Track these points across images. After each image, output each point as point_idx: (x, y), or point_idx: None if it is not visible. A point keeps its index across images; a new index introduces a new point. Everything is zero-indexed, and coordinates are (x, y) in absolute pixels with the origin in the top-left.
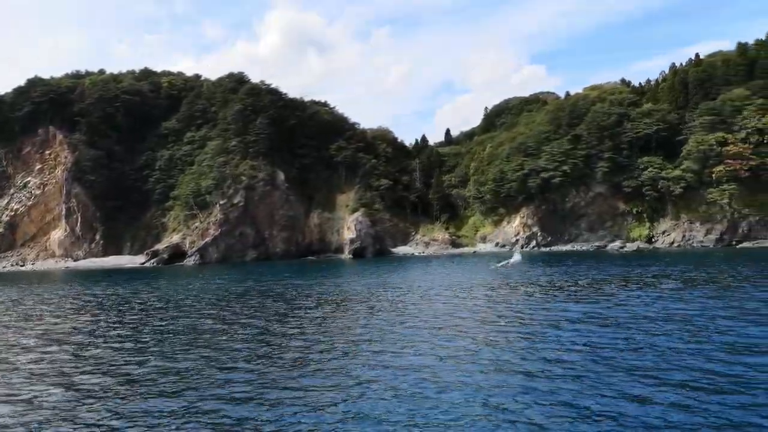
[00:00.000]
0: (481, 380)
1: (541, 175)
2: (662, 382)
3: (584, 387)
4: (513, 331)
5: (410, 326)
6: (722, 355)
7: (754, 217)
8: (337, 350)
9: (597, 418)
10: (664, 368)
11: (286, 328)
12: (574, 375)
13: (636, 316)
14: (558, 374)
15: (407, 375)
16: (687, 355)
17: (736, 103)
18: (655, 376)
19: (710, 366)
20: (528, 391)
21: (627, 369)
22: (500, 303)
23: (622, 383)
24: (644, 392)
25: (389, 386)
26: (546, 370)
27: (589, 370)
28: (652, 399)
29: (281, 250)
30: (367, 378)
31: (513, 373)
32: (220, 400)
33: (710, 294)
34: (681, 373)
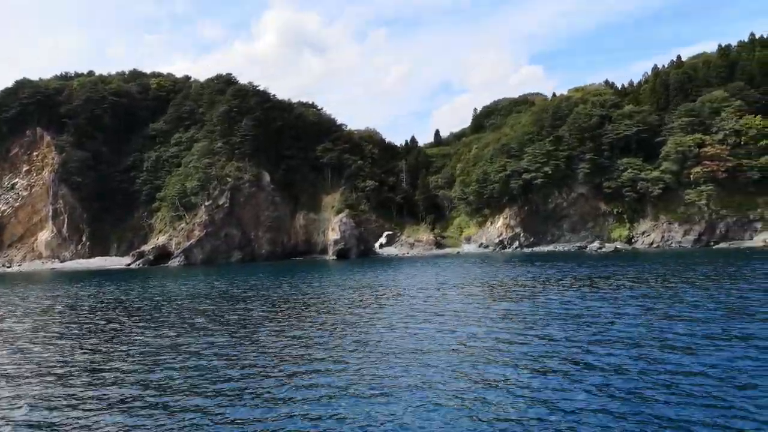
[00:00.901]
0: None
1: (523, 176)
2: (530, 364)
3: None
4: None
5: (350, 340)
6: (591, 348)
7: (732, 217)
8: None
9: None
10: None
11: (215, 338)
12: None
13: (542, 312)
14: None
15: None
16: (562, 346)
17: (714, 104)
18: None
19: (577, 356)
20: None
21: (508, 355)
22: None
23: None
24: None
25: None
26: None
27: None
28: (510, 380)
29: (267, 251)
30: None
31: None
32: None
33: (632, 293)
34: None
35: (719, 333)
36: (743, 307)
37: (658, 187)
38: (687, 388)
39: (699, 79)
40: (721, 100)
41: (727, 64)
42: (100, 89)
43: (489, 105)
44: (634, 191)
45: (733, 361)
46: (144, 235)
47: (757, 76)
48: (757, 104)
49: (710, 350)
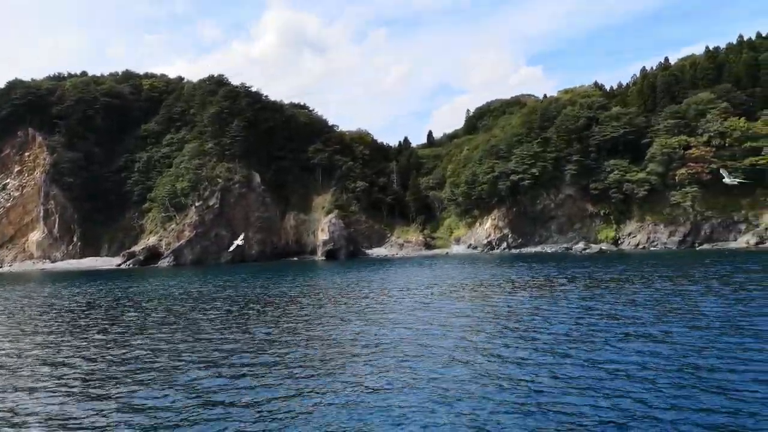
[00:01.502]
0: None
1: (511, 177)
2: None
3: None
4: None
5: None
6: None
7: (716, 219)
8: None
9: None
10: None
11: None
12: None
13: (491, 312)
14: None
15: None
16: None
17: (700, 106)
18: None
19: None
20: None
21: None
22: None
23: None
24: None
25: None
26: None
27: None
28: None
29: (257, 252)
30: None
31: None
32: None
33: (586, 294)
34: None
35: (634, 331)
36: (676, 307)
37: (643, 188)
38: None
39: (686, 80)
40: (707, 102)
41: (715, 66)
42: (92, 90)
43: (482, 106)
44: (620, 193)
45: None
46: (135, 236)
47: (744, 78)
48: (743, 106)
49: (613, 346)
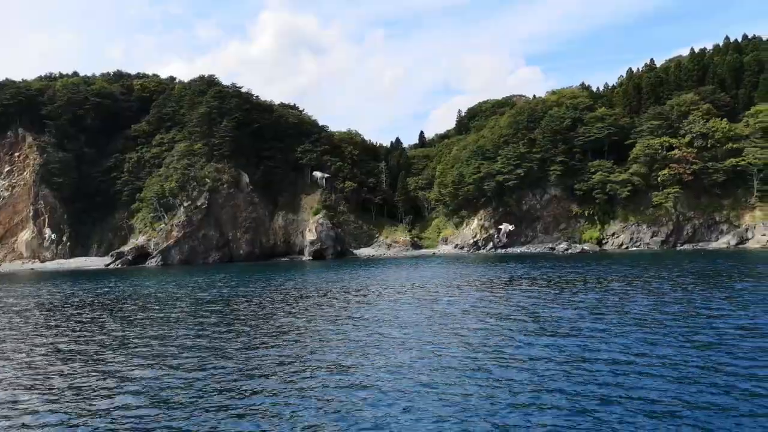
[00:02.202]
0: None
1: (496, 178)
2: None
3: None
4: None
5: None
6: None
7: (698, 219)
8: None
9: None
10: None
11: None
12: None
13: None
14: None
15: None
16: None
17: (683, 108)
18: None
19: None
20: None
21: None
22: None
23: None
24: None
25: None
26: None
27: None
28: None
29: (245, 252)
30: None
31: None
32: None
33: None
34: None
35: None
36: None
37: (626, 189)
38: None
39: (671, 82)
40: (690, 104)
41: (699, 67)
42: (82, 90)
43: (473, 107)
44: (604, 193)
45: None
46: (124, 236)
47: (728, 79)
48: (726, 107)
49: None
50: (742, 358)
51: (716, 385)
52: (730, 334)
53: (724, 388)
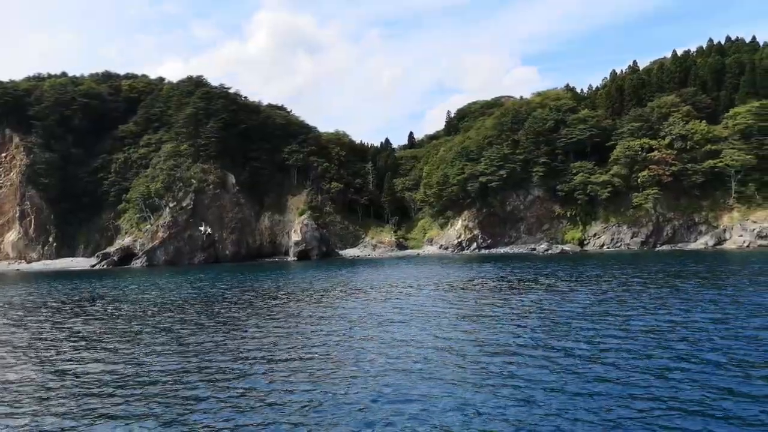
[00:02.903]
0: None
1: (480, 179)
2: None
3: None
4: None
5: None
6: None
7: (678, 220)
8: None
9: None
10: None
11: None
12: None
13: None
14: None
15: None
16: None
17: (663, 109)
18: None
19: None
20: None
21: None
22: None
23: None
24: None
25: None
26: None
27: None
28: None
29: (231, 252)
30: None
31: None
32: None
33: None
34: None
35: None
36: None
37: (606, 190)
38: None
39: (653, 84)
40: (670, 105)
41: (681, 69)
42: (70, 91)
43: (463, 107)
44: (585, 194)
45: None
46: (111, 237)
47: (709, 81)
48: (708, 109)
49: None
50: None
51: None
52: (634, 334)
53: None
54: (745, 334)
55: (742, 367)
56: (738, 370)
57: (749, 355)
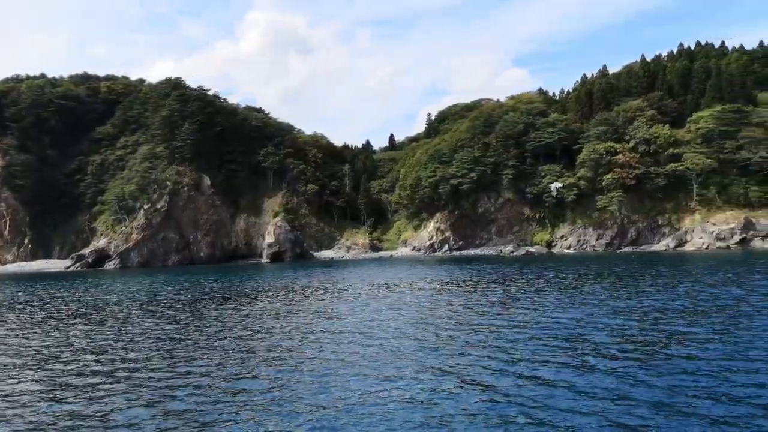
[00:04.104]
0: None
1: (451, 182)
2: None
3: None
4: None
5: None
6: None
7: (642, 222)
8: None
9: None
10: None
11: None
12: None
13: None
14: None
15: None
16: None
17: (628, 114)
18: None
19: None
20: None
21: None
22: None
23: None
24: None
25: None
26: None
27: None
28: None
29: (206, 254)
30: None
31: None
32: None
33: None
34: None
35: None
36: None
37: (572, 193)
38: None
39: (621, 88)
40: (635, 110)
41: (649, 74)
42: (47, 92)
43: (444, 110)
44: (552, 197)
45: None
46: (86, 239)
47: (676, 86)
48: (674, 113)
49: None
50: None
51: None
52: (531, 332)
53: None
54: (599, 329)
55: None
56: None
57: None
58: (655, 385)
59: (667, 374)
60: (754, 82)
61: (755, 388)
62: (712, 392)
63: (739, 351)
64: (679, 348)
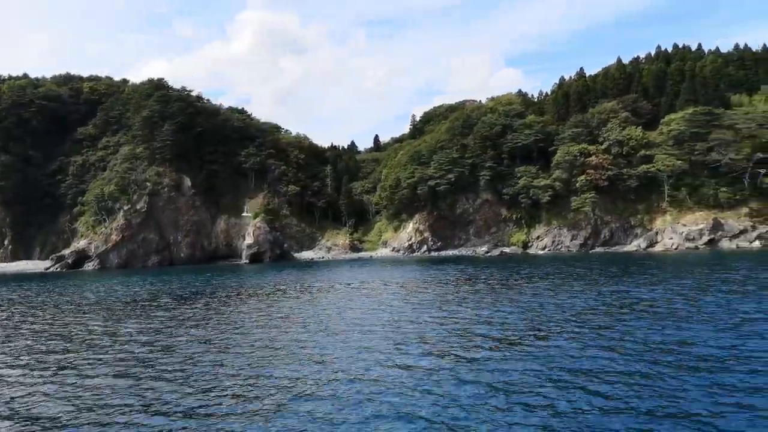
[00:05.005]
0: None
1: (428, 183)
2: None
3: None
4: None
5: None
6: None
7: (615, 223)
8: None
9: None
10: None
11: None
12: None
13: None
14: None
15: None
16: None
17: (602, 115)
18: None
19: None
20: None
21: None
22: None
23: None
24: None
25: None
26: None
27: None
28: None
29: (186, 255)
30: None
31: None
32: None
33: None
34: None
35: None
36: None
37: (547, 194)
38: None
39: (597, 90)
40: (609, 111)
41: (625, 76)
42: (29, 93)
43: (429, 111)
44: (529, 198)
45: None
46: (67, 239)
47: (651, 88)
48: (648, 115)
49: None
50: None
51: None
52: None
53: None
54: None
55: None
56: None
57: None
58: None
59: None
60: (729, 84)
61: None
62: (547, 376)
63: (592, 346)
64: (540, 341)
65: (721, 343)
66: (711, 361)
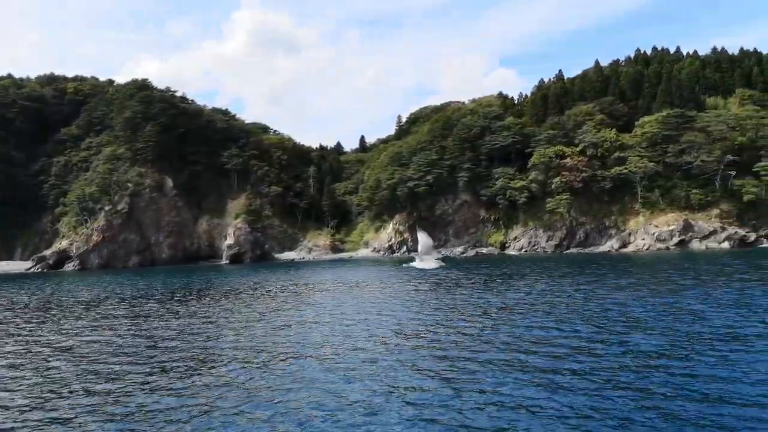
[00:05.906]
0: None
1: (407, 184)
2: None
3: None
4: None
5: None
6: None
7: (590, 224)
8: None
9: None
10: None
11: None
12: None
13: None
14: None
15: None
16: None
17: (578, 118)
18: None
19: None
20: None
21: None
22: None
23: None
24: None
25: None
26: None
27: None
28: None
29: (167, 255)
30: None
31: None
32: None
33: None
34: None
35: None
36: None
37: (523, 195)
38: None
39: (575, 92)
40: (585, 114)
41: (602, 79)
42: (11, 93)
43: (415, 111)
44: (506, 199)
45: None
46: (50, 240)
47: (628, 91)
48: (624, 118)
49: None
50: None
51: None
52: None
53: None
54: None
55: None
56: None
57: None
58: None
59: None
60: (705, 87)
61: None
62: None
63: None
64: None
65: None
66: (602, 355)
